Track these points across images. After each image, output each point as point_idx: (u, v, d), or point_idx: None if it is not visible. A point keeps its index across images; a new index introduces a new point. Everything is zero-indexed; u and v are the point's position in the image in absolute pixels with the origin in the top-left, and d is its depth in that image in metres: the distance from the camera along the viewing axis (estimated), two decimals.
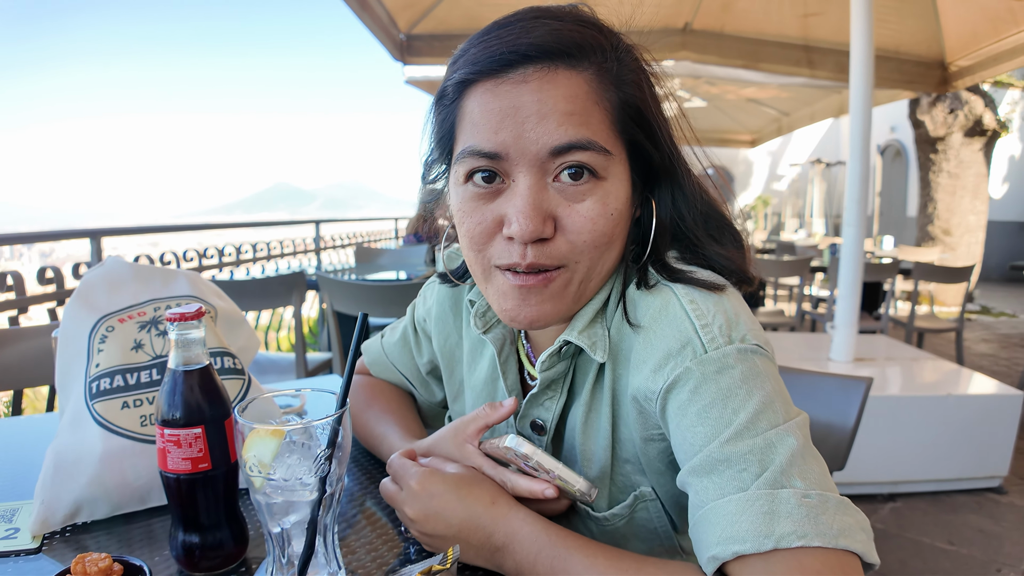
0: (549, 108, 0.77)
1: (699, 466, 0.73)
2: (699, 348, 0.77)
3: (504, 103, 0.79)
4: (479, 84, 0.81)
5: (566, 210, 0.81)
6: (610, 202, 0.81)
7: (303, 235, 7.46)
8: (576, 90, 0.79)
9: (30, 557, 0.90)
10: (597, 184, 0.80)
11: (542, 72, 0.78)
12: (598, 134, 0.79)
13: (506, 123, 0.79)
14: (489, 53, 0.79)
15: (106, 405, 1.01)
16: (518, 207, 0.79)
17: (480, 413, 0.93)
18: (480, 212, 0.84)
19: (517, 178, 0.81)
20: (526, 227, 0.78)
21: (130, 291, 1.14)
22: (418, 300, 1.26)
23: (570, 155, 0.78)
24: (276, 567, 0.78)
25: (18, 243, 3.55)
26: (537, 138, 0.78)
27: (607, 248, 0.84)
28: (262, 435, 0.72)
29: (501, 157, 0.80)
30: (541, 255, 0.81)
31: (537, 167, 0.79)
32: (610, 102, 0.81)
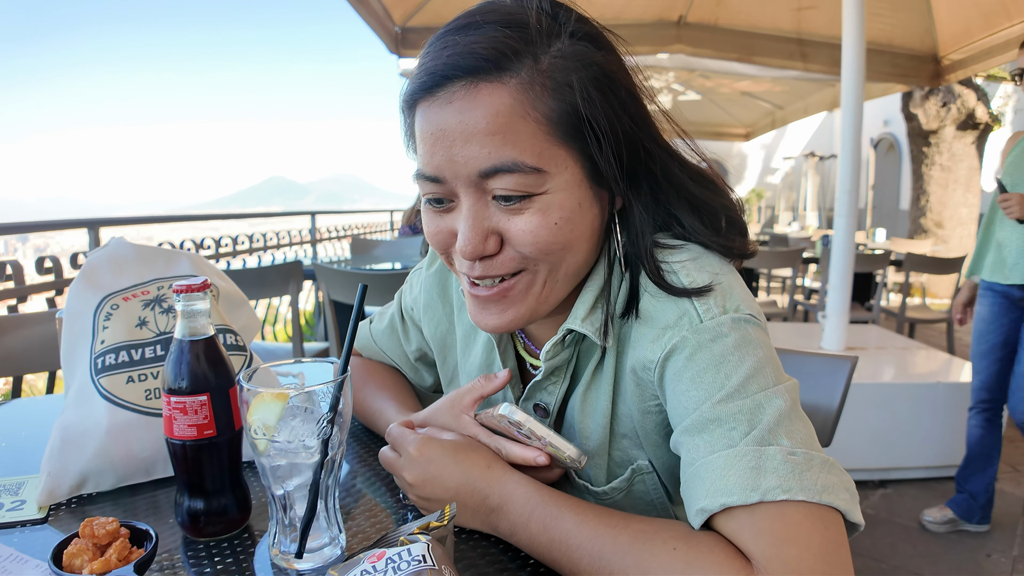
0: (471, 129, 0.76)
1: (691, 426, 0.77)
2: (695, 318, 0.81)
3: (434, 126, 0.78)
4: (419, 104, 0.81)
5: (507, 224, 0.80)
6: (551, 213, 0.79)
7: (299, 227, 7.48)
8: (498, 106, 0.75)
9: (36, 527, 0.93)
10: (533, 199, 0.79)
11: (464, 90, 0.76)
12: (527, 151, 0.76)
13: (438, 147, 0.78)
14: (420, 71, 0.79)
15: (112, 380, 1.04)
16: (461, 228, 0.81)
17: (476, 385, 0.97)
18: (436, 224, 0.86)
19: (460, 197, 0.81)
20: (467, 248, 0.80)
21: (134, 271, 1.17)
22: (405, 288, 1.28)
23: (496, 179, 0.77)
24: (279, 530, 0.81)
25: (17, 232, 3.57)
26: (465, 161, 0.77)
27: (564, 253, 0.83)
28: (267, 399, 0.75)
29: (440, 180, 0.81)
30: (490, 268, 0.83)
31: (474, 187, 0.79)
32: (543, 112, 0.77)
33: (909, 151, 10.93)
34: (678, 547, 0.71)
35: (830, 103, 8.39)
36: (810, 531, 0.67)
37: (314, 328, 6.29)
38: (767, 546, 0.67)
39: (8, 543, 0.87)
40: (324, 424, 0.77)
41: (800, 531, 0.67)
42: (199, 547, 0.87)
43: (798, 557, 0.66)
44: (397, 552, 0.64)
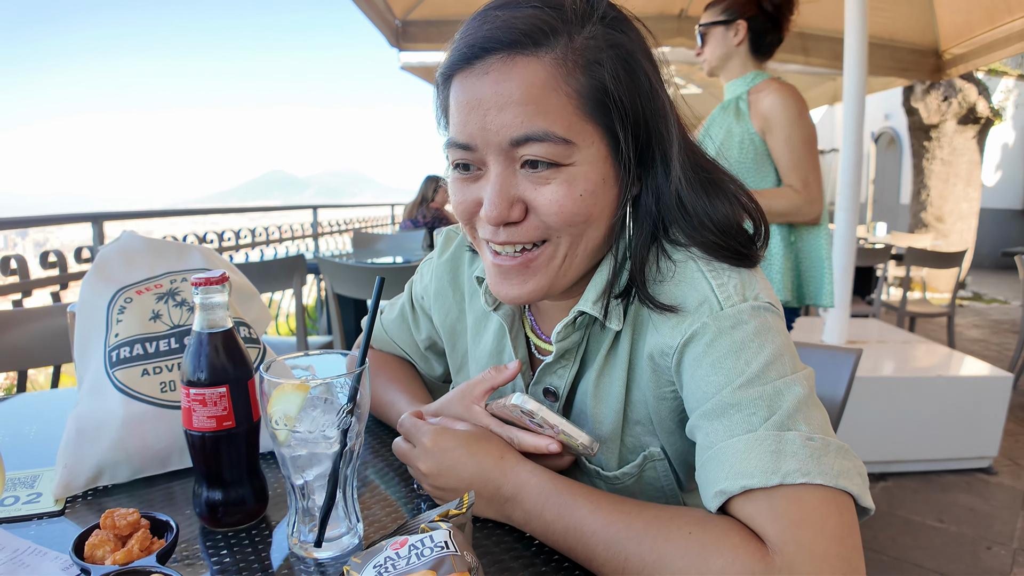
0: (505, 99, 0.79)
1: (711, 410, 0.79)
2: (715, 305, 0.83)
3: (470, 95, 0.82)
4: (455, 76, 0.84)
5: (533, 193, 0.83)
6: (577, 185, 0.82)
7: (300, 221, 7.48)
8: (533, 78, 0.79)
9: (53, 519, 0.94)
10: (560, 170, 0.82)
11: (501, 62, 0.80)
12: (557, 123, 0.80)
13: (472, 115, 0.82)
14: (459, 46, 0.83)
15: (127, 372, 1.05)
16: (488, 194, 0.84)
17: (487, 375, 0.98)
18: (463, 193, 0.88)
19: (489, 165, 0.84)
20: (492, 213, 0.83)
21: (146, 264, 1.18)
22: (415, 277, 1.29)
23: (527, 147, 0.80)
24: (298, 519, 0.82)
25: (21, 227, 3.57)
26: (497, 129, 0.81)
27: (586, 226, 0.85)
28: (288, 390, 0.76)
29: (472, 148, 0.84)
30: (513, 235, 0.85)
31: (504, 155, 0.82)
32: (574, 88, 0.81)
33: (910, 145, 10.92)
34: (693, 531, 0.73)
35: (831, 97, 8.37)
36: (825, 514, 0.69)
37: (316, 322, 6.31)
38: (783, 528, 0.69)
39: (25, 535, 0.88)
40: (344, 415, 0.78)
41: (816, 514, 0.69)
42: (217, 537, 0.88)
43: (812, 539, 0.68)
44: (419, 539, 0.65)
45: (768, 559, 0.68)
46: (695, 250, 0.88)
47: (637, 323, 0.92)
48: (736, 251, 0.87)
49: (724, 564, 0.69)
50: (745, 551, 0.69)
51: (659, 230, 0.89)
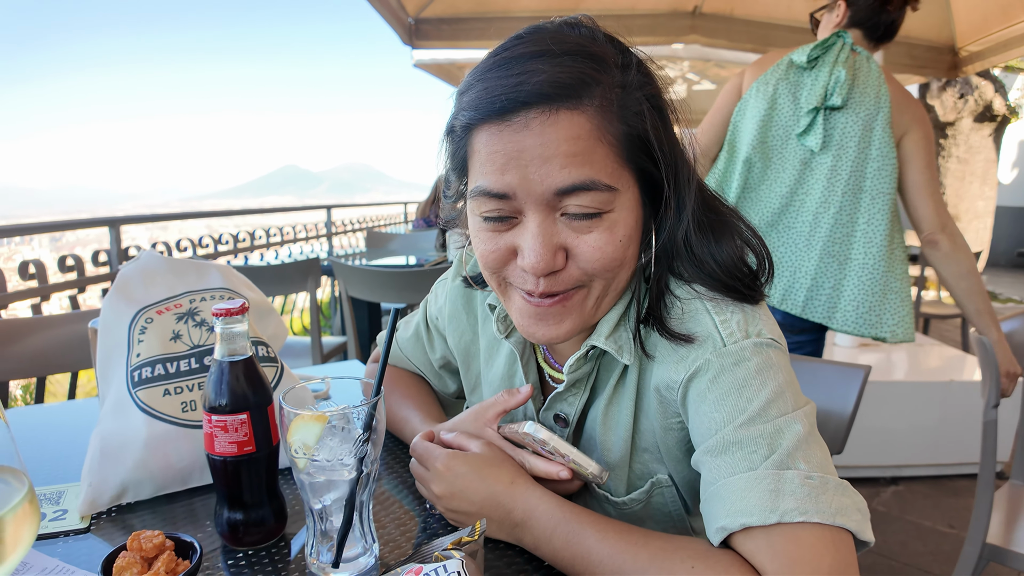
0: (552, 151, 0.79)
1: (713, 447, 0.81)
2: (719, 342, 0.84)
3: (508, 147, 0.80)
4: (483, 126, 0.83)
5: (575, 240, 0.83)
6: (618, 231, 0.84)
7: (314, 220, 7.53)
8: (578, 130, 0.79)
9: (79, 536, 0.96)
10: (603, 217, 0.83)
11: (543, 116, 0.79)
12: (602, 171, 0.80)
13: (511, 165, 0.81)
14: (490, 98, 0.81)
15: (149, 392, 1.08)
16: (529, 244, 0.83)
17: (499, 399, 1.01)
18: (494, 241, 0.88)
19: (527, 214, 0.83)
20: (538, 263, 0.82)
21: (166, 284, 1.20)
22: (430, 297, 1.31)
23: (574, 196, 0.80)
24: (316, 540, 0.85)
25: (41, 232, 3.62)
26: (541, 179, 0.80)
27: (620, 269, 0.87)
28: (306, 420, 0.79)
29: (509, 197, 0.83)
30: (554, 284, 0.86)
31: (544, 204, 0.82)
32: (614, 136, 0.81)
33: None
34: (696, 565, 0.75)
35: None
36: (822, 553, 0.71)
37: (330, 321, 6.35)
38: (781, 566, 0.71)
39: (53, 553, 0.91)
40: (360, 443, 0.80)
41: (812, 552, 0.71)
42: (238, 555, 0.91)
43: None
44: (433, 568, 0.67)
45: None
46: (699, 287, 0.89)
47: (643, 358, 0.93)
48: (740, 290, 0.88)
49: None
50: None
51: (666, 267, 0.91)
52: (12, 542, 0.59)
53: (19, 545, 0.60)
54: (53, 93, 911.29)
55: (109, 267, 3.73)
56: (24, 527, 0.60)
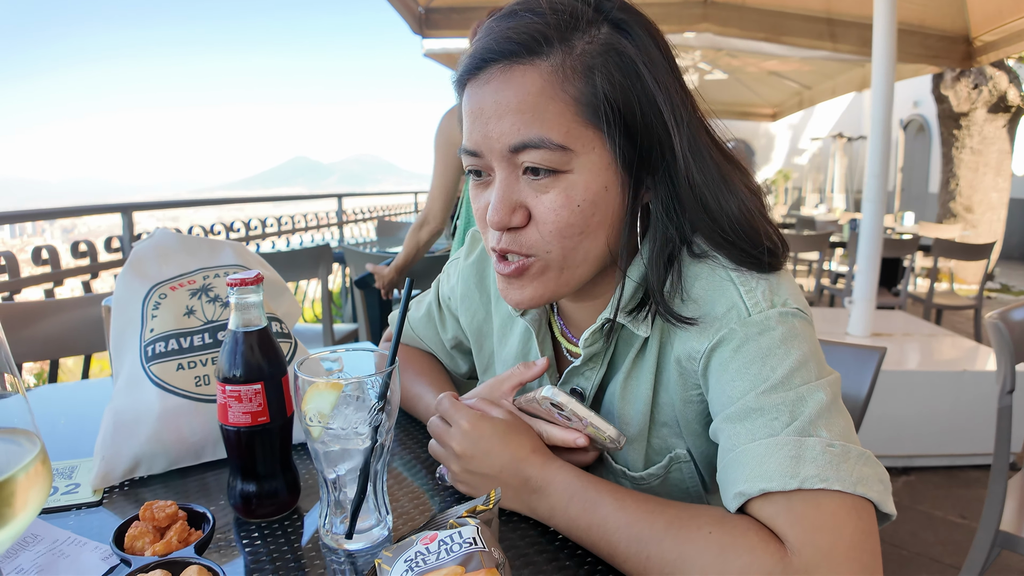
0: (503, 107, 0.81)
1: (734, 414, 0.80)
2: (743, 311, 0.83)
3: (474, 104, 0.84)
4: (467, 85, 0.86)
5: (534, 201, 0.84)
6: (575, 194, 0.82)
7: (326, 209, 7.54)
8: (529, 86, 0.80)
9: (92, 510, 0.97)
10: (559, 177, 0.82)
11: (500, 72, 0.81)
12: (554, 129, 0.80)
13: (476, 123, 0.84)
14: (468, 55, 0.85)
15: (162, 367, 1.08)
16: (492, 200, 0.85)
17: (515, 371, 1.01)
18: (478, 199, 0.90)
19: (495, 171, 0.85)
20: (494, 217, 0.84)
21: (179, 261, 1.21)
22: (442, 277, 1.31)
23: (524, 154, 0.81)
24: (330, 511, 0.85)
25: (52, 218, 3.65)
26: (497, 137, 0.82)
27: (581, 238, 0.85)
28: (321, 389, 0.79)
29: (478, 154, 0.85)
30: (512, 243, 0.86)
31: (506, 161, 0.83)
32: (571, 94, 0.80)
33: (939, 133, 10.75)
34: (713, 531, 0.74)
35: (859, 83, 8.27)
36: (844, 520, 0.70)
37: (341, 309, 6.36)
38: (802, 531, 0.70)
39: (64, 526, 0.91)
40: (375, 412, 0.80)
41: (834, 519, 0.70)
42: (251, 527, 0.91)
43: (831, 544, 0.69)
44: (448, 534, 0.67)
45: (787, 559, 0.69)
46: (721, 258, 0.88)
47: (665, 327, 0.92)
48: (757, 259, 0.87)
49: (744, 564, 0.70)
50: (764, 551, 0.70)
51: (676, 239, 0.88)
52: (23, 501, 0.59)
53: (30, 505, 0.60)
54: (61, 85, 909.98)
55: (122, 253, 3.74)
56: (35, 487, 0.61)
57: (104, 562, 0.82)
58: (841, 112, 19.38)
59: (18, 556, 0.83)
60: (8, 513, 0.58)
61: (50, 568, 0.81)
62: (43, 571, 0.81)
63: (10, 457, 0.59)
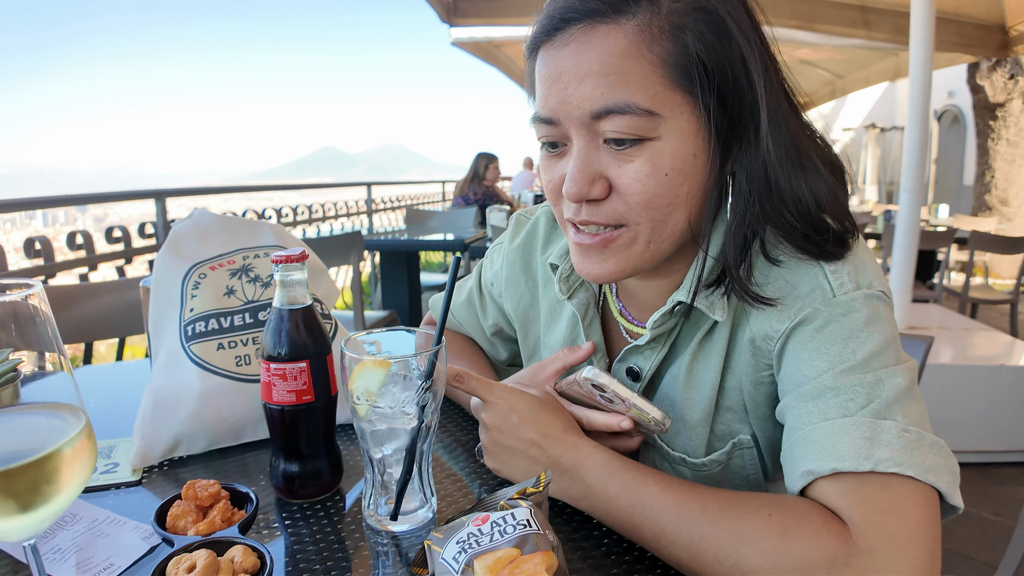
0: (584, 70, 0.76)
1: (808, 392, 0.77)
2: (828, 292, 0.80)
3: (551, 68, 0.79)
4: (540, 48, 0.82)
5: (616, 171, 0.79)
6: (663, 163, 0.78)
7: (355, 197, 7.57)
8: (613, 47, 0.75)
9: (131, 489, 0.96)
10: (646, 145, 0.77)
11: (581, 32, 0.76)
12: (640, 93, 0.75)
13: (553, 89, 0.79)
14: (543, 17, 0.80)
15: (202, 346, 1.08)
16: (569, 170, 0.81)
17: (559, 355, 0.98)
18: (550, 170, 0.86)
19: (572, 140, 0.81)
20: (571, 189, 0.80)
21: (219, 241, 1.20)
22: (485, 263, 1.29)
23: (608, 120, 0.77)
24: (375, 492, 0.84)
25: (87, 203, 3.69)
26: (578, 103, 0.77)
27: (670, 209, 0.81)
28: (369, 366, 0.77)
29: (554, 122, 0.81)
30: (593, 214, 0.82)
31: (586, 129, 0.79)
32: (659, 55, 0.75)
33: (975, 124, 10.55)
34: (773, 512, 0.71)
35: (893, 73, 8.12)
36: (911, 505, 0.68)
37: (370, 297, 6.39)
38: (868, 513, 0.68)
39: (103, 505, 0.91)
40: (422, 391, 0.79)
41: (902, 504, 0.68)
42: (293, 508, 0.90)
43: (896, 528, 0.67)
44: (501, 516, 0.66)
45: (851, 542, 0.67)
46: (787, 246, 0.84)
47: (739, 309, 0.89)
48: (819, 246, 0.82)
49: (806, 546, 0.68)
50: (827, 533, 0.68)
51: (759, 213, 0.83)
52: (68, 475, 0.59)
53: (75, 479, 0.60)
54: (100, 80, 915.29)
55: (155, 239, 3.78)
56: (81, 461, 0.60)
57: (145, 541, 0.82)
58: (874, 102, 19.08)
59: (56, 536, 0.83)
60: (53, 488, 0.58)
61: (89, 547, 0.81)
62: (82, 550, 0.80)
63: (57, 431, 0.59)
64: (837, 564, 0.66)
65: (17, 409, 0.62)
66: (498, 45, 8.34)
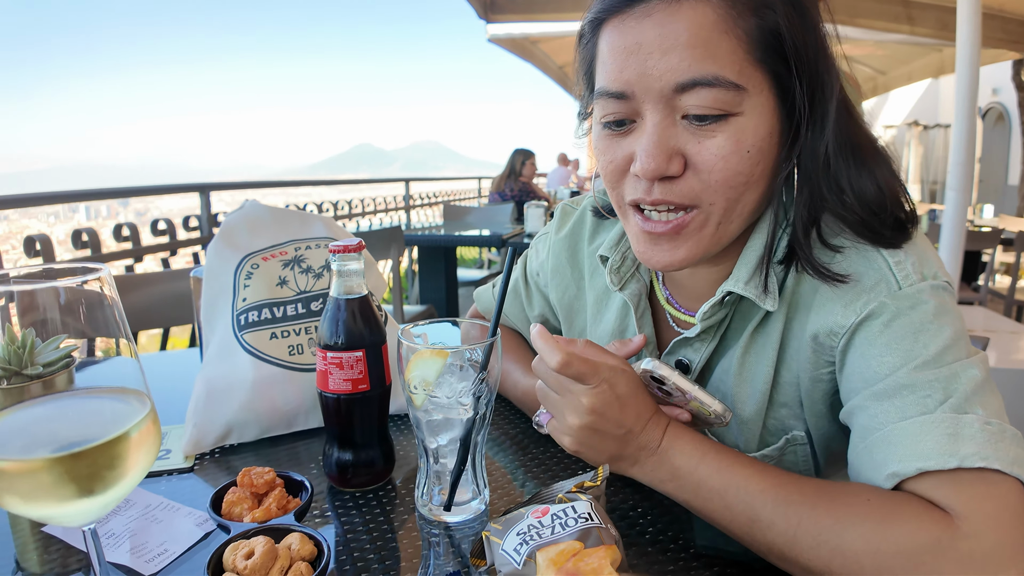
0: (671, 42, 0.73)
1: (882, 391, 0.75)
2: (893, 284, 0.78)
3: (628, 40, 0.76)
4: (608, 22, 0.79)
5: (695, 147, 0.77)
6: (745, 139, 0.76)
7: (393, 193, 7.62)
8: (701, 20, 0.73)
9: (183, 476, 0.98)
10: (729, 120, 0.75)
11: (665, 3, 0.74)
12: (728, 67, 0.73)
13: (630, 61, 0.76)
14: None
15: (255, 336, 1.09)
16: (643, 145, 0.77)
17: (610, 349, 0.96)
18: (612, 150, 0.83)
19: (645, 115, 0.78)
20: (649, 165, 0.76)
21: (270, 232, 1.21)
22: (530, 253, 1.27)
23: (694, 93, 0.74)
24: (429, 482, 0.84)
25: (136, 195, 3.76)
26: (660, 75, 0.74)
27: (745, 188, 0.79)
28: (427, 356, 0.78)
29: (628, 96, 0.78)
30: (669, 192, 0.79)
31: (663, 104, 0.76)
32: (744, 29, 0.74)
33: (1020, 122, 10.29)
34: (871, 498, 0.70)
35: (936, 69, 7.96)
36: (1007, 493, 0.67)
37: (407, 292, 6.43)
38: (968, 499, 0.67)
39: (156, 491, 0.92)
40: (478, 382, 0.79)
41: (998, 491, 0.67)
42: (345, 497, 0.91)
43: (998, 512, 0.66)
44: (561, 509, 0.65)
45: (954, 525, 0.66)
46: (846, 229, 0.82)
47: (794, 301, 0.86)
48: (883, 233, 0.80)
49: (908, 530, 0.66)
50: (929, 518, 0.67)
51: (826, 196, 0.82)
52: (135, 459, 0.59)
53: (140, 464, 0.60)
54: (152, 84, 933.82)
55: (200, 232, 3.85)
56: (146, 446, 0.61)
57: (199, 528, 0.83)
58: (916, 99, 18.68)
59: (110, 521, 0.84)
60: (119, 472, 0.58)
61: (143, 532, 0.82)
62: (136, 535, 0.81)
63: (123, 415, 0.59)
64: (942, 547, 0.65)
65: (83, 393, 0.64)
66: (534, 41, 8.33)
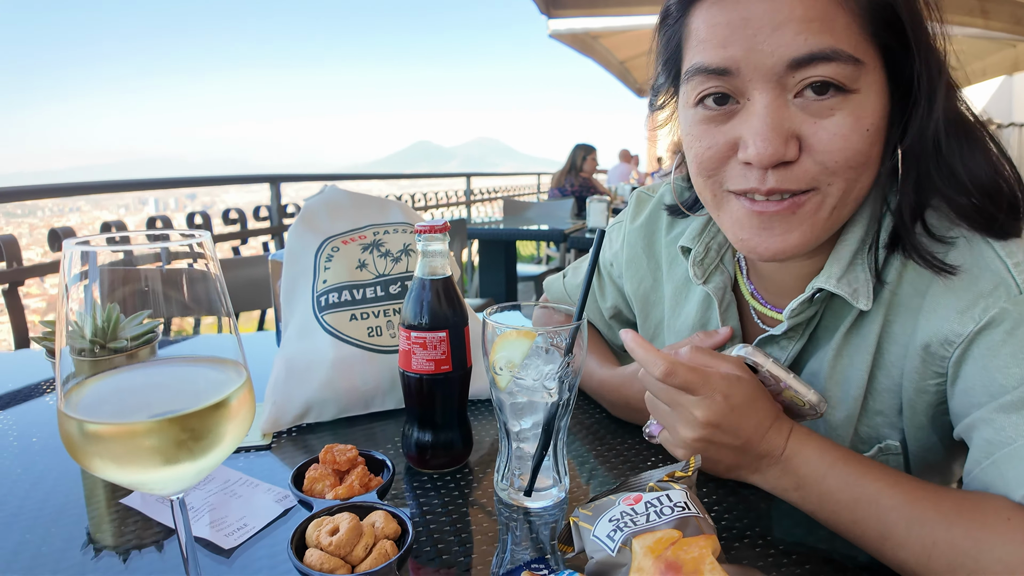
0: (784, 16, 0.69)
1: (1010, 403, 0.69)
2: (1014, 288, 0.72)
3: (732, 15, 0.72)
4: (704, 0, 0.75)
5: (812, 128, 0.72)
6: (864, 116, 0.71)
7: (454, 188, 7.70)
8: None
9: (260, 453, 0.99)
10: (847, 98, 0.71)
11: None
12: (844, 41, 0.69)
13: (735, 36, 0.72)
14: None
15: (336, 317, 1.10)
16: (755, 128, 0.72)
17: (694, 339, 0.94)
18: (711, 135, 0.78)
19: (752, 96, 0.73)
20: (764, 150, 0.71)
21: (349, 216, 1.23)
22: (603, 243, 1.24)
23: (812, 67, 0.69)
24: (509, 467, 0.84)
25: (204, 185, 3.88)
26: (772, 50, 0.70)
27: (864, 170, 0.74)
28: (513, 337, 0.77)
29: (732, 73, 0.73)
30: (785, 179, 0.74)
31: (774, 82, 0.71)
32: (860, 3, 0.70)
33: None
34: (1012, 517, 0.65)
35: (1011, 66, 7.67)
36: None
37: (466, 285, 6.47)
38: None
39: (235, 467, 0.94)
40: (564, 366, 0.78)
41: None
42: (423, 478, 0.91)
43: None
44: (655, 497, 0.64)
45: None
46: (955, 216, 0.77)
47: (894, 302, 0.81)
48: (996, 218, 0.75)
49: None
50: None
51: (936, 183, 0.77)
52: (232, 425, 0.60)
53: (235, 432, 0.61)
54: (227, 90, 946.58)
55: (270, 222, 3.96)
56: (241, 414, 0.61)
57: (278, 504, 0.84)
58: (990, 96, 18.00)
59: (190, 494, 0.85)
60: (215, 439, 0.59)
61: (223, 507, 0.83)
62: (216, 509, 0.82)
63: (221, 383, 0.60)
64: None
65: (179, 360, 0.65)
66: (595, 36, 8.27)
